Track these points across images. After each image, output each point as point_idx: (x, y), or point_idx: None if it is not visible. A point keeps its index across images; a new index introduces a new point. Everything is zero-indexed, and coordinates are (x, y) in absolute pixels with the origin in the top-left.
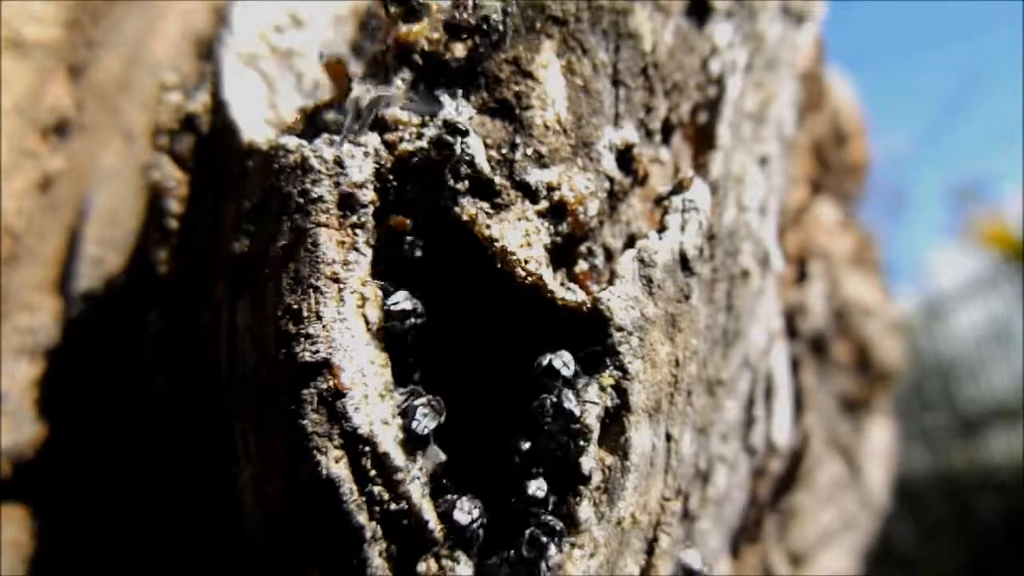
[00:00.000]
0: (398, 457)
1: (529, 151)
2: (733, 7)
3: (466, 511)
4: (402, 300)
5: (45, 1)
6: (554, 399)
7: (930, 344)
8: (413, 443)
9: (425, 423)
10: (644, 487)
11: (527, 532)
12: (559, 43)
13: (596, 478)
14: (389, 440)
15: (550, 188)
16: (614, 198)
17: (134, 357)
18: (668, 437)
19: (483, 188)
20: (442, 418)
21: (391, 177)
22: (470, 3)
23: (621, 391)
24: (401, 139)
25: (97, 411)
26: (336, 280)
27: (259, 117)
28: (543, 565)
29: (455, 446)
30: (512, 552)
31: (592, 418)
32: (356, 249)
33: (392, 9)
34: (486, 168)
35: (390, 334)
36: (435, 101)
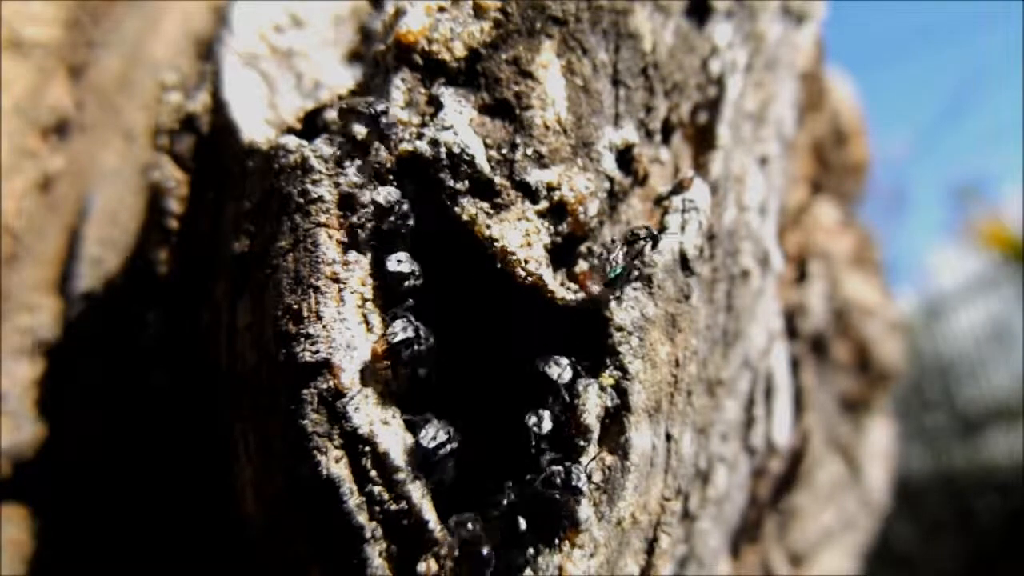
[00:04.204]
0: (398, 457)
1: (529, 151)
2: (733, 7)
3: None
4: (401, 330)
5: (45, 1)
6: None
7: (930, 344)
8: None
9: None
10: (644, 487)
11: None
12: (559, 43)
13: (596, 478)
14: (389, 440)
15: (550, 188)
16: (614, 198)
17: (134, 357)
18: (668, 437)
19: (483, 188)
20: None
21: (391, 177)
22: None
23: (621, 391)
24: (401, 139)
25: (97, 411)
26: (336, 280)
27: (259, 117)
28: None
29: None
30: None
31: (592, 418)
32: (356, 249)
33: None
34: (486, 168)
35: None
36: (435, 101)
